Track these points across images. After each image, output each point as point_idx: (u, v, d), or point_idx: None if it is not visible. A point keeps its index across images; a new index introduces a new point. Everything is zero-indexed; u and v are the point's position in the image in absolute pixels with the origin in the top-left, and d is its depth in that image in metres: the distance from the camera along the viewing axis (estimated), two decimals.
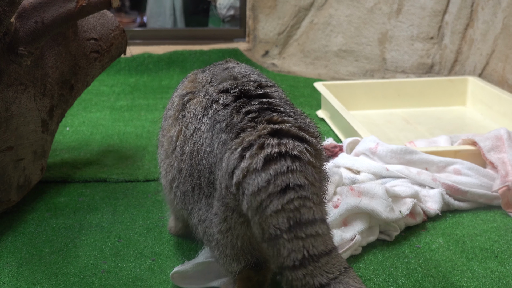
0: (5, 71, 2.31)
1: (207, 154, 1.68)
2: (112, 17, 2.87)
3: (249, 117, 1.62)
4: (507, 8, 3.90)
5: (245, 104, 1.67)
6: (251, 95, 1.71)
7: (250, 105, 1.66)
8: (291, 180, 1.50)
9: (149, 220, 2.46)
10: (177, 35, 5.41)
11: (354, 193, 2.34)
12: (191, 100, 1.83)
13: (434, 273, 2.09)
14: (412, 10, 4.70)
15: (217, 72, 1.89)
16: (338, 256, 1.51)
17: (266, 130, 1.57)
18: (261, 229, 1.51)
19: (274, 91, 1.75)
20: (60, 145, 3.24)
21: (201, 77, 1.92)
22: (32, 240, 2.31)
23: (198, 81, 1.91)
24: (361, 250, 2.22)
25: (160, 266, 2.13)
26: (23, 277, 2.06)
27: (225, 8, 5.59)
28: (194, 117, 1.76)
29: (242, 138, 1.57)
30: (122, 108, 3.93)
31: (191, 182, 1.75)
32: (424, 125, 3.59)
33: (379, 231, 2.30)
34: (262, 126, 1.58)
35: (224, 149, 1.61)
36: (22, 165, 2.46)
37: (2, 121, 2.30)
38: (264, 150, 1.53)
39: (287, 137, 1.57)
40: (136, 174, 2.87)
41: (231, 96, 1.71)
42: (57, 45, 2.61)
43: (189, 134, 1.76)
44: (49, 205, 2.59)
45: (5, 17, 2.14)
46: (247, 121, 1.61)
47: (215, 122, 1.67)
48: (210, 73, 1.92)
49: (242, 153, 1.55)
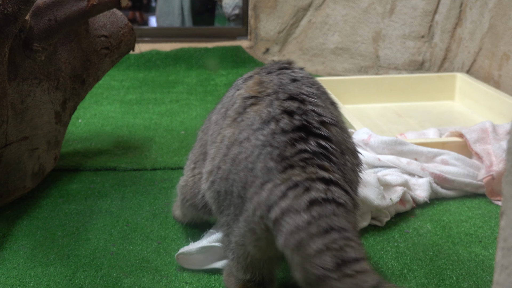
0: (21, 65, 2.32)
1: (247, 170, 1.56)
2: (121, 16, 2.87)
3: (302, 157, 1.51)
4: (493, 9, 3.90)
5: (303, 140, 1.54)
6: (312, 132, 1.56)
7: (308, 143, 1.53)
8: (336, 222, 1.42)
9: (155, 206, 2.46)
10: (183, 33, 5.41)
11: None
12: (253, 105, 1.66)
13: (422, 256, 2.09)
14: (404, 10, 4.69)
15: (285, 81, 1.71)
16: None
17: (315, 175, 1.48)
18: (303, 271, 1.40)
19: (334, 133, 1.60)
20: (73, 136, 3.24)
21: (268, 82, 1.73)
22: (45, 224, 2.31)
23: (264, 85, 1.71)
24: None
25: (165, 248, 2.14)
26: (37, 258, 2.07)
27: (231, 7, 5.58)
28: (250, 126, 1.61)
29: (289, 175, 1.49)
30: (131, 102, 3.93)
31: (225, 185, 1.66)
32: (414, 118, 3.59)
33: (371, 217, 2.31)
34: (313, 170, 1.49)
35: (267, 176, 1.51)
36: (37, 154, 2.47)
37: (18, 113, 2.30)
38: (310, 193, 1.45)
39: (334, 185, 1.49)
40: (143, 163, 2.88)
41: (293, 124, 1.56)
42: (69, 42, 2.61)
43: (239, 140, 1.62)
44: (62, 191, 2.59)
45: (20, 15, 2.14)
46: (299, 159, 1.51)
47: (267, 143, 1.55)
48: (277, 80, 1.72)
49: (286, 191, 1.47)
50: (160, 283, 1.93)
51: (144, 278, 1.95)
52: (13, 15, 2.12)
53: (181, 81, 4.43)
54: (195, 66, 4.78)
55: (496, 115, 3.38)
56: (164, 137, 3.25)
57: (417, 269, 2.01)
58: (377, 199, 2.27)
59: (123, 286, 1.91)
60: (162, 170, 2.82)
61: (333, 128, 1.61)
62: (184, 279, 1.95)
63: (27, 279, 1.95)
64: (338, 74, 4.85)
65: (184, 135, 3.28)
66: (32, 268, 2.02)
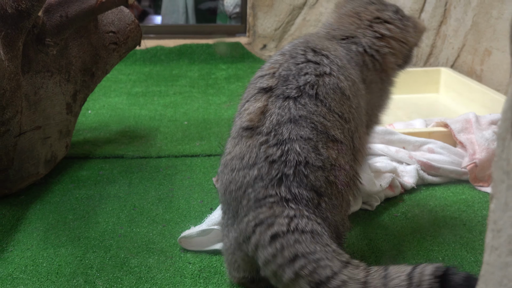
0: (34, 59, 2.29)
1: (236, 200, 1.60)
2: (128, 13, 2.85)
3: (271, 200, 1.53)
4: (476, 7, 3.87)
5: (277, 186, 1.54)
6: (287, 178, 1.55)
7: (281, 190, 1.53)
8: (300, 249, 1.44)
9: (160, 192, 2.45)
10: (186, 30, 5.39)
11: None
12: (248, 138, 1.63)
13: (410, 238, 2.08)
14: None
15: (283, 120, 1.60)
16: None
17: (281, 214, 1.51)
18: None
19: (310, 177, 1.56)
20: (83, 126, 3.22)
21: (269, 115, 1.63)
22: (57, 208, 2.30)
23: (264, 118, 1.63)
24: None
25: (170, 231, 2.13)
26: (50, 240, 2.06)
27: (232, 6, 5.55)
28: (241, 160, 1.61)
29: (257, 213, 1.52)
30: (137, 94, 3.91)
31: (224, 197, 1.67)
32: (402, 109, 3.57)
33: (362, 202, 2.29)
34: (279, 210, 1.51)
35: (246, 210, 1.55)
36: (49, 143, 2.45)
37: (31, 104, 2.28)
38: (272, 228, 1.48)
39: (299, 218, 1.50)
40: (149, 152, 2.86)
41: (270, 174, 1.55)
42: (80, 37, 2.58)
43: (231, 166, 1.64)
44: (73, 178, 2.57)
45: (33, 11, 2.12)
46: (268, 202, 1.53)
47: (250, 185, 1.56)
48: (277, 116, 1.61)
49: (254, 228, 1.51)
50: (165, 263, 1.92)
51: (150, 259, 1.94)
52: (27, 12, 2.09)
53: (184, 75, 4.41)
54: (197, 61, 4.76)
55: (479, 107, 3.36)
56: (168, 127, 3.23)
57: (405, 250, 2.00)
58: (368, 185, 2.26)
59: (131, 266, 1.90)
60: (167, 158, 2.80)
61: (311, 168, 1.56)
62: (187, 260, 1.94)
63: (40, 259, 1.94)
64: None
65: (187, 125, 3.26)
66: (45, 249, 2.00)
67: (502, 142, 0.75)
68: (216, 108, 3.59)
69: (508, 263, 0.72)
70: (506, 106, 0.75)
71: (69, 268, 1.89)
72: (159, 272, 1.87)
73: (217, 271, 1.88)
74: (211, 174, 2.60)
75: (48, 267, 1.89)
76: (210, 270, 1.88)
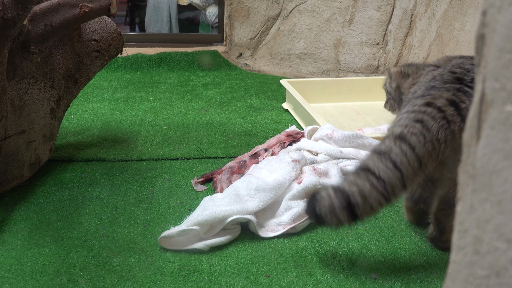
0: (19, 66, 2.26)
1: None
2: (111, 22, 2.83)
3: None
4: (440, 20, 3.92)
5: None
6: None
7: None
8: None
9: (141, 193, 2.43)
10: (166, 39, 5.36)
11: (316, 173, 2.33)
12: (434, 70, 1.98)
13: (379, 237, 2.09)
14: (362, 20, 4.70)
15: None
16: None
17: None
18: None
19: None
20: (66, 130, 3.19)
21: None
22: (41, 209, 2.27)
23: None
24: None
25: (150, 231, 2.11)
26: (34, 240, 2.03)
27: (214, 16, 5.55)
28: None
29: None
30: (118, 100, 3.88)
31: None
32: (371, 115, 3.60)
33: None
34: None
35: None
36: (34, 146, 2.42)
37: (16, 109, 2.25)
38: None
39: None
40: (130, 155, 2.84)
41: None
42: (63, 45, 2.56)
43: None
44: (56, 180, 2.54)
45: (19, 20, 2.09)
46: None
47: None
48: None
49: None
50: (146, 262, 1.90)
51: (132, 258, 1.92)
52: (13, 20, 2.07)
53: (164, 82, 4.39)
54: (176, 68, 4.74)
55: None
56: (148, 131, 3.21)
57: (374, 249, 2.01)
58: None
59: (113, 265, 1.88)
60: (147, 161, 2.79)
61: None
62: (167, 259, 1.93)
63: (24, 259, 1.91)
64: (303, 76, 4.84)
65: (166, 130, 3.24)
66: (29, 249, 1.97)
67: (467, 149, 0.76)
68: (194, 114, 3.58)
69: (474, 262, 0.73)
70: (471, 114, 0.76)
71: (52, 267, 1.86)
72: (140, 270, 1.85)
73: (196, 269, 1.87)
74: (190, 177, 2.59)
75: (33, 266, 1.87)
76: (189, 268, 1.87)
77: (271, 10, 4.89)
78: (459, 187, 0.78)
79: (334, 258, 1.95)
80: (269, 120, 3.47)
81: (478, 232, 0.72)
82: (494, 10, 0.71)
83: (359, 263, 1.92)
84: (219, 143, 3.03)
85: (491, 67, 0.71)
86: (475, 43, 0.77)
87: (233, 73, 4.71)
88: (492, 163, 0.70)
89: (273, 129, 3.29)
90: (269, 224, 2.14)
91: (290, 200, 2.19)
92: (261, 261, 1.92)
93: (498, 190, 0.69)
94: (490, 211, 0.70)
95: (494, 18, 0.71)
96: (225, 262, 1.91)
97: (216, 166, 2.70)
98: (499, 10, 0.70)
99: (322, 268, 1.89)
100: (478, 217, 0.72)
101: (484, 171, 0.71)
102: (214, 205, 2.08)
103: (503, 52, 0.69)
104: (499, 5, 0.70)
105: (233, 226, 2.08)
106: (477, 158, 0.73)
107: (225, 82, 4.39)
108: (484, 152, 0.71)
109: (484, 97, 0.72)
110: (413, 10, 4.40)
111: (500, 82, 0.69)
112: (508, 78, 0.68)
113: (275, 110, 3.70)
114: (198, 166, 2.73)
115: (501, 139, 0.69)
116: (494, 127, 0.70)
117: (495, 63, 0.70)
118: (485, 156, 0.71)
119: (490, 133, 0.71)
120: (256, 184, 2.18)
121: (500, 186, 0.69)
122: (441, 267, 1.90)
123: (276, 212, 2.18)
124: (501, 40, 0.69)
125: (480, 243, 0.72)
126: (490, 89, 0.71)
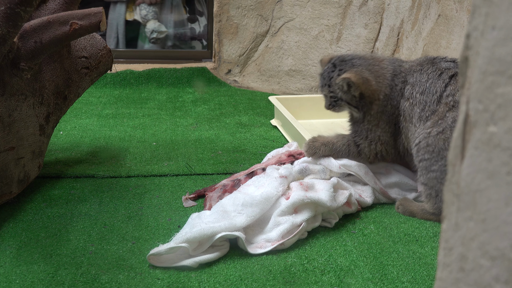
0: (9, 83, 2.27)
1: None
2: (100, 39, 2.84)
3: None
4: (426, 37, 3.97)
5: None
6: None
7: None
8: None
9: (130, 210, 2.43)
10: (155, 55, 5.38)
11: (302, 187, 2.34)
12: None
13: (367, 254, 2.11)
14: (350, 38, 4.74)
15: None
16: None
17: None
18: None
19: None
20: (55, 146, 3.19)
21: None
22: (30, 226, 2.26)
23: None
24: (306, 235, 2.22)
25: (139, 248, 2.11)
26: (22, 257, 2.03)
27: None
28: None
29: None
30: (107, 116, 3.88)
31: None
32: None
33: (322, 219, 2.31)
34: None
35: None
36: (22, 163, 2.42)
37: (5, 125, 2.25)
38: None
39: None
40: (119, 171, 2.84)
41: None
42: (53, 62, 2.56)
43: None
44: (45, 196, 2.54)
45: (9, 37, 2.10)
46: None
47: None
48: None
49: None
50: (135, 279, 1.90)
51: (120, 275, 1.92)
52: (2, 37, 2.07)
53: (153, 98, 4.40)
54: (165, 85, 4.75)
55: None
56: (137, 148, 3.22)
57: (362, 265, 2.03)
58: (329, 201, 2.28)
59: (101, 282, 1.88)
60: (136, 177, 2.79)
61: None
62: (156, 276, 1.93)
63: (13, 276, 1.90)
64: (291, 93, 4.87)
65: (155, 146, 3.25)
66: (17, 266, 1.97)
67: (452, 168, 0.78)
68: (183, 130, 3.59)
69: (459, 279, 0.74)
70: (456, 134, 0.78)
71: (41, 285, 1.86)
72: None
73: (185, 286, 1.87)
74: (179, 193, 2.60)
75: (21, 284, 1.86)
76: (178, 285, 1.88)
77: (260, 27, 4.93)
78: (444, 205, 0.80)
79: (323, 275, 1.96)
80: (258, 136, 3.49)
81: (463, 249, 0.74)
82: (477, 34, 0.74)
83: (347, 279, 1.93)
84: (208, 160, 3.04)
85: (474, 89, 0.73)
86: (459, 65, 0.79)
87: (222, 89, 4.73)
88: (476, 182, 0.72)
89: (262, 145, 3.30)
90: (257, 240, 2.15)
91: (279, 216, 2.20)
92: (250, 278, 1.93)
93: (482, 208, 0.71)
94: (474, 229, 0.72)
95: (478, 41, 0.73)
96: (214, 279, 1.92)
97: (205, 183, 2.71)
98: (482, 34, 0.72)
99: (311, 284, 1.90)
100: (463, 235, 0.74)
101: (468, 190, 0.73)
102: (202, 222, 2.09)
103: (486, 74, 0.71)
104: (482, 29, 0.72)
105: (221, 242, 2.08)
106: (461, 177, 0.74)
107: (214, 98, 4.41)
108: (468, 172, 0.73)
109: (468, 118, 0.74)
110: (400, 28, 4.45)
111: (483, 104, 0.71)
112: (491, 100, 0.70)
113: (263, 126, 3.72)
114: (187, 182, 2.73)
115: (484, 158, 0.71)
116: (477, 147, 0.72)
117: (478, 85, 0.72)
118: (469, 176, 0.73)
119: (474, 153, 0.73)
120: (243, 200, 2.19)
121: (484, 204, 0.71)
122: (428, 283, 1.92)
123: (264, 228, 2.19)
124: (484, 62, 0.71)
125: (465, 261, 0.73)
126: (474, 111, 0.73)
